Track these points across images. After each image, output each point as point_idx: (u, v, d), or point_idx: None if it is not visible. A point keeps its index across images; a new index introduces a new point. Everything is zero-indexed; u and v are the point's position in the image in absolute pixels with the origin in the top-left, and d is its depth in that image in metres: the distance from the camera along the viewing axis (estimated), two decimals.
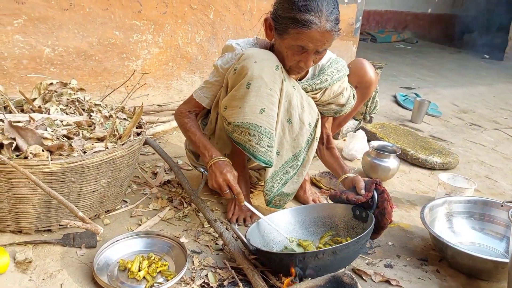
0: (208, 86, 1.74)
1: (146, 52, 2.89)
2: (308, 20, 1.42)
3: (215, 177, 1.55)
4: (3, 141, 1.37)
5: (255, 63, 1.53)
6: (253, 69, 1.52)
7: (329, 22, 1.44)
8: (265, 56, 1.55)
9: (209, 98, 1.74)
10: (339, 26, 1.49)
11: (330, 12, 1.44)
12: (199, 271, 1.45)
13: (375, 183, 1.53)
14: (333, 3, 1.47)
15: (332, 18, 1.45)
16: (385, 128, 3.01)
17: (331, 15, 1.44)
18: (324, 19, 1.43)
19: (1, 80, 2.46)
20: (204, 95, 1.75)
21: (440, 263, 1.65)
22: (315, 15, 1.42)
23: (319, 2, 1.43)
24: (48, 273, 1.34)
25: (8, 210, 1.44)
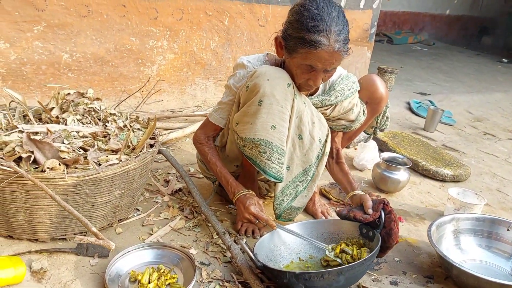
0: (223, 107, 1.77)
1: (162, 58, 2.94)
2: (316, 40, 1.44)
3: (242, 213, 1.63)
4: (22, 154, 1.42)
5: (267, 81, 1.55)
6: (265, 86, 1.55)
7: (337, 42, 1.46)
8: (277, 74, 1.58)
9: (225, 119, 1.77)
10: (348, 46, 1.51)
11: (339, 32, 1.46)
12: (207, 283, 1.49)
13: (383, 203, 1.55)
14: (342, 23, 1.48)
15: (341, 39, 1.46)
16: (397, 137, 3.01)
17: (340, 35, 1.46)
18: (333, 40, 1.45)
19: (21, 85, 2.53)
20: (220, 117, 1.77)
21: (445, 281, 1.67)
22: (323, 35, 1.44)
23: (328, 23, 1.45)
24: (62, 283, 1.39)
25: (25, 219, 1.49)
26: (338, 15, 1.48)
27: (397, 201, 2.30)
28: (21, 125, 1.65)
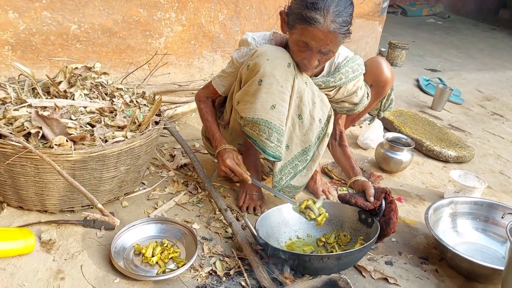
0: (225, 75, 1.80)
1: (169, 30, 2.93)
2: (312, 17, 1.44)
3: (220, 166, 1.66)
4: (31, 130, 1.47)
5: (267, 60, 1.56)
6: (265, 66, 1.56)
7: (334, 23, 1.44)
8: (277, 53, 1.59)
9: (225, 87, 1.81)
10: (347, 29, 1.50)
11: (338, 13, 1.45)
12: (208, 258, 1.55)
13: (385, 192, 1.58)
14: (344, 6, 1.47)
15: (339, 20, 1.45)
16: (403, 116, 3.01)
17: (338, 17, 1.45)
18: (329, 20, 1.44)
19: (30, 55, 2.55)
20: (221, 83, 1.81)
21: (440, 262, 1.71)
22: (320, 14, 1.44)
23: (327, 2, 1.44)
24: (70, 253, 1.46)
25: (35, 192, 1.55)
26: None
27: (399, 181, 2.33)
28: (30, 99, 1.68)
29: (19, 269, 1.33)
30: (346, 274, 1.56)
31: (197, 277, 1.45)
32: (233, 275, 1.48)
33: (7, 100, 1.68)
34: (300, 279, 1.46)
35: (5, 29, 2.43)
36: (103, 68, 2.72)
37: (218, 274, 1.48)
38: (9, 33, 2.45)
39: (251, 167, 1.91)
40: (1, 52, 2.46)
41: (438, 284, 1.60)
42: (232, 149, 1.69)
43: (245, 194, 1.89)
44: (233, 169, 1.63)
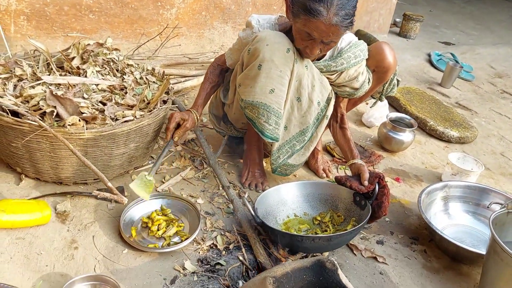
0: (233, 50, 1.88)
1: (181, 1, 2.95)
2: (316, 9, 1.47)
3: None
4: (46, 109, 1.56)
5: (266, 45, 1.62)
6: (264, 51, 1.62)
7: (337, 16, 1.47)
8: (277, 39, 1.63)
9: (232, 60, 1.89)
10: (349, 22, 1.52)
11: (341, 6, 1.47)
12: (210, 232, 1.67)
13: (379, 177, 1.66)
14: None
15: (342, 13, 1.48)
16: (410, 94, 3.03)
17: (341, 10, 1.48)
18: (332, 12, 1.47)
19: (44, 25, 2.62)
20: (230, 56, 1.90)
21: (429, 243, 1.81)
22: (323, 6, 1.46)
23: None
24: (83, 224, 1.58)
25: (50, 166, 1.67)
26: None
27: (399, 160, 2.40)
28: (45, 76, 1.77)
29: (37, 238, 1.46)
30: (338, 251, 1.68)
31: (199, 250, 1.57)
32: (232, 250, 1.60)
33: (23, 77, 1.76)
34: (293, 256, 1.58)
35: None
36: (115, 38, 2.80)
37: (218, 248, 1.59)
38: (24, 3, 2.51)
39: (254, 146, 1.99)
40: (17, 22, 2.54)
41: (425, 264, 1.70)
42: (193, 115, 1.82)
43: (247, 172, 1.99)
44: (169, 120, 1.74)
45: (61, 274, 1.36)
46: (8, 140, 1.61)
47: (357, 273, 1.59)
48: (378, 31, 4.06)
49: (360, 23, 3.91)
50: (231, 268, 1.51)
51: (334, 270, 1.29)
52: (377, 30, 4.04)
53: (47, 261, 1.39)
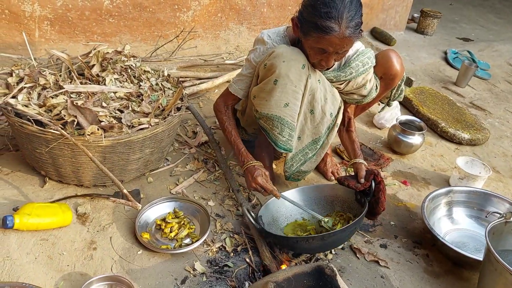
0: (242, 78, 1.91)
1: (197, 3, 3.02)
2: (328, 26, 1.53)
3: (249, 182, 1.77)
4: (67, 119, 1.67)
5: (283, 62, 1.68)
6: (281, 68, 1.68)
7: (348, 28, 1.54)
8: (293, 56, 1.70)
9: (243, 90, 1.91)
10: (360, 30, 1.59)
11: (351, 19, 1.53)
12: (220, 234, 1.77)
13: (374, 174, 1.72)
14: (355, 9, 1.55)
15: (352, 25, 1.54)
16: (424, 94, 3.05)
17: (351, 21, 1.54)
18: (344, 26, 1.53)
19: (67, 30, 2.74)
20: (239, 88, 1.92)
21: (432, 247, 1.86)
22: (335, 22, 1.52)
23: (340, 9, 1.52)
24: (102, 226, 1.70)
25: (72, 170, 1.78)
26: (352, 0, 1.54)
27: (408, 163, 2.45)
28: (67, 85, 1.88)
29: (59, 239, 1.58)
30: (342, 254, 1.75)
31: (208, 251, 1.67)
32: (240, 252, 1.69)
33: (46, 86, 1.88)
34: (297, 259, 1.66)
35: (44, 5, 2.60)
36: (134, 41, 2.90)
37: (227, 249, 1.69)
38: (47, 9, 2.63)
39: (264, 150, 2.07)
40: (41, 27, 2.66)
41: (426, 268, 1.76)
42: (260, 165, 1.80)
43: None
44: (264, 187, 1.74)
45: (81, 273, 1.48)
46: (33, 146, 1.73)
47: (359, 276, 1.67)
48: (395, 29, 4.06)
49: (376, 21, 3.92)
50: (238, 269, 1.60)
51: (333, 276, 1.37)
52: (393, 28, 4.04)
53: (68, 261, 1.51)
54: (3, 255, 1.45)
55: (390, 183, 2.25)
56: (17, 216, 1.50)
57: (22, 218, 1.51)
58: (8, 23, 2.55)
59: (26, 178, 1.86)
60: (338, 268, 1.67)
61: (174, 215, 1.77)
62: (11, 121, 1.71)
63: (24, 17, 2.57)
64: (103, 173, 1.78)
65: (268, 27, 3.37)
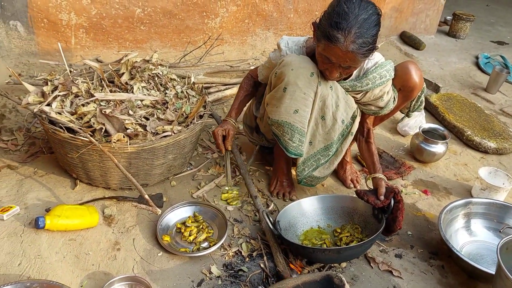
0: (264, 68, 2.04)
1: (225, 10, 3.10)
2: (334, 36, 1.56)
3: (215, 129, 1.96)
4: (96, 127, 1.78)
5: (291, 70, 1.74)
6: (289, 76, 1.74)
7: (353, 43, 1.56)
8: (302, 64, 1.75)
9: (263, 76, 2.05)
10: (367, 50, 1.59)
11: (359, 35, 1.55)
12: (237, 239, 1.83)
13: (394, 192, 1.74)
14: (366, 27, 1.56)
15: (359, 41, 1.56)
16: (451, 101, 3.01)
17: (359, 38, 1.55)
18: (349, 40, 1.55)
19: (101, 37, 2.88)
20: (261, 71, 2.06)
21: (448, 258, 1.86)
22: (342, 33, 1.55)
23: (351, 23, 1.54)
24: (126, 227, 1.80)
25: (100, 174, 1.90)
26: (367, 19, 1.56)
27: (430, 172, 2.44)
28: (97, 93, 1.99)
29: (86, 239, 1.70)
30: (356, 263, 1.78)
31: (225, 255, 1.75)
32: (255, 257, 1.75)
33: (79, 94, 2.00)
34: (310, 267, 1.71)
35: (80, 14, 2.75)
36: (164, 47, 3.01)
37: (242, 254, 1.76)
38: (83, 18, 2.77)
39: (282, 155, 2.12)
40: (77, 35, 2.81)
41: (440, 280, 1.77)
42: (232, 124, 1.99)
43: (276, 181, 2.13)
44: (215, 137, 1.94)
45: (104, 272, 1.58)
46: (65, 151, 1.85)
47: (371, 286, 1.69)
48: (425, 32, 4.00)
49: (406, 24, 3.88)
50: (252, 274, 1.67)
51: (341, 286, 1.42)
52: (423, 31, 3.99)
53: (93, 260, 1.62)
54: (34, 254, 1.57)
55: (410, 192, 2.25)
56: (48, 217, 1.63)
57: (53, 219, 1.63)
58: (47, 31, 2.71)
59: (59, 180, 1.99)
60: (351, 277, 1.71)
61: (193, 219, 1.86)
62: (45, 128, 1.84)
63: (61, 25, 2.72)
64: None
65: (295, 33, 3.41)
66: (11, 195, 1.85)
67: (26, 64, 2.73)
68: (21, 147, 2.18)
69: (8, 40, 2.66)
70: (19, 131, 2.27)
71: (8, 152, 2.14)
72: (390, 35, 3.86)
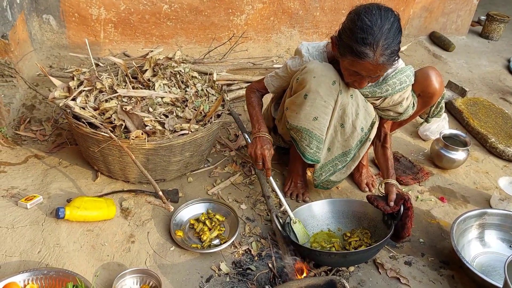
0: (277, 77, 2.01)
1: (250, 7, 3.12)
2: (363, 52, 1.56)
3: (255, 148, 1.85)
4: (116, 123, 1.85)
5: (313, 77, 1.75)
6: (311, 83, 1.75)
7: (383, 56, 1.56)
8: (324, 72, 1.75)
9: (274, 87, 2.03)
10: (395, 58, 1.60)
11: (387, 46, 1.55)
12: (248, 237, 1.88)
13: (404, 199, 1.74)
14: (392, 37, 1.56)
15: (387, 53, 1.56)
16: (477, 106, 2.95)
17: (387, 50, 1.55)
18: (379, 54, 1.55)
19: (129, 31, 2.95)
20: (271, 83, 2.03)
21: (459, 269, 1.85)
22: (370, 48, 1.55)
23: (377, 36, 1.54)
24: (141, 221, 1.87)
25: (119, 168, 1.97)
26: (391, 28, 1.55)
27: (449, 178, 2.40)
28: (120, 89, 2.06)
29: (103, 231, 1.78)
30: (364, 268, 1.80)
31: (235, 253, 1.79)
32: (264, 256, 1.79)
33: (103, 89, 2.08)
34: (317, 269, 1.73)
35: (109, 9, 2.83)
36: (189, 43, 3.07)
37: (252, 253, 1.80)
38: (112, 13, 2.85)
39: (298, 157, 2.13)
40: (106, 29, 2.89)
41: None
42: (270, 140, 1.89)
43: (290, 182, 2.15)
44: (265, 160, 1.82)
45: (118, 264, 1.66)
46: (87, 145, 1.94)
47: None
48: (456, 33, 3.90)
49: (436, 24, 3.79)
50: (259, 274, 1.71)
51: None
52: (454, 32, 3.89)
53: (108, 251, 1.70)
54: (54, 242, 1.66)
55: (426, 198, 2.24)
56: (67, 208, 1.71)
57: (72, 210, 1.72)
58: (77, 25, 2.81)
59: (81, 172, 2.08)
60: (358, 281, 1.73)
61: (206, 216, 1.91)
62: (69, 121, 1.93)
63: (91, 20, 2.81)
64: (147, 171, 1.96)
65: (321, 31, 3.40)
66: (35, 185, 1.95)
67: (57, 56, 2.84)
68: (48, 137, 2.29)
69: (41, 33, 2.77)
70: (47, 122, 2.38)
71: (36, 142, 2.25)
72: (419, 35, 3.79)
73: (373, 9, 1.59)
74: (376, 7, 1.59)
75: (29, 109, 2.46)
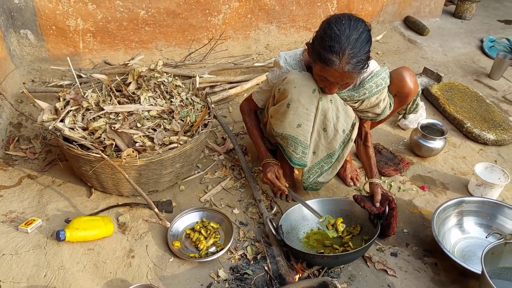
0: (262, 91, 2.10)
1: (227, 7, 3.15)
2: (330, 59, 1.64)
3: (263, 176, 2.05)
4: (106, 142, 1.91)
5: (294, 87, 1.82)
6: (292, 93, 1.82)
7: (348, 64, 1.63)
8: (303, 81, 1.83)
9: (263, 101, 2.12)
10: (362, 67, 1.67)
11: (353, 55, 1.62)
12: (242, 242, 1.97)
13: (388, 200, 1.85)
14: (359, 46, 1.63)
15: (353, 61, 1.63)
16: (452, 91, 3.05)
17: (352, 58, 1.63)
18: (344, 62, 1.63)
19: (107, 40, 2.96)
20: (259, 98, 2.12)
21: (442, 256, 1.97)
22: (336, 56, 1.63)
23: (343, 45, 1.61)
24: (139, 234, 1.95)
25: (113, 184, 2.03)
26: (358, 38, 1.63)
27: (428, 166, 2.52)
28: (106, 106, 2.10)
29: (103, 248, 1.85)
30: (353, 263, 1.90)
31: (231, 258, 1.89)
32: (259, 260, 1.89)
33: (89, 108, 2.11)
34: (309, 269, 1.84)
35: (86, 19, 2.83)
36: (169, 46, 3.09)
37: (248, 257, 1.90)
38: (89, 22, 2.86)
39: (285, 158, 2.23)
40: (84, 39, 2.90)
41: (433, 277, 1.89)
42: (275, 162, 2.06)
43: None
44: (272, 183, 2.02)
45: (121, 280, 1.74)
46: (79, 164, 1.99)
47: (367, 285, 1.82)
48: (430, 16, 3.98)
49: (410, 9, 3.87)
50: (256, 277, 1.81)
51: None
52: (428, 15, 3.97)
53: (110, 268, 1.77)
54: (58, 265, 1.73)
55: (407, 188, 2.35)
56: (67, 230, 1.78)
57: (72, 232, 1.78)
58: (56, 37, 2.81)
59: (75, 189, 2.14)
60: (348, 276, 1.84)
61: (201, 225, 1.99)
62: (60, 144, 1.97)
63: (69, 31, 2.81)
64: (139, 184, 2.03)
65: (298, 25, 3.45)
66: (33, 207, 2.00)
67: (38, 70, 2.84)
68: (39, 155, 2.32)
69: (20, 48, 2.77)
70: (36, 139, 2.41)
71: (27, 160, 2.28)
72: (394, 20, 3.86)
73: (344, 19, 1.66)
74: (347, 17, 1.66)
75: (16, 127, 2.48)
